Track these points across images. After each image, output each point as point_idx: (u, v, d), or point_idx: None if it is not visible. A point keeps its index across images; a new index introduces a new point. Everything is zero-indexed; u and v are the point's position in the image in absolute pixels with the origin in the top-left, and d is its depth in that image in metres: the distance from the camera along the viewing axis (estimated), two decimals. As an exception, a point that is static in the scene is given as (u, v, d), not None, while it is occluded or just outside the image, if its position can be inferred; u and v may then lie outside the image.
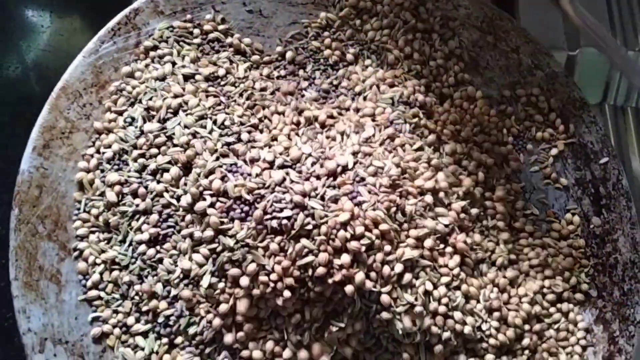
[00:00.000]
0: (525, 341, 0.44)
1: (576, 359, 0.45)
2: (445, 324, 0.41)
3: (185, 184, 0.42)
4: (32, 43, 0.58)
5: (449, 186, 0.44)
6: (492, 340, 0.43)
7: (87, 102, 0.44)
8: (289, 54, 0.48)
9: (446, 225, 0.43)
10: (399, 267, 0.40)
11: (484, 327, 0.43)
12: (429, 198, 0.43)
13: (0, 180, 0.53)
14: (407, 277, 0.40)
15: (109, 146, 0.43)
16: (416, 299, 0.40)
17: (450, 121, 0.48)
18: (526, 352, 0.44)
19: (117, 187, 0.42)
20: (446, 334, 0.41)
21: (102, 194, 0.43)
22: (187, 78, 0.45)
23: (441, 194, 0.44)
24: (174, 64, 0.45)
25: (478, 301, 0.43)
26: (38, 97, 0.57)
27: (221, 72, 0.46)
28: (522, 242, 0.47)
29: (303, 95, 0.47)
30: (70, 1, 0.60)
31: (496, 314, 0.43)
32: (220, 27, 0.47)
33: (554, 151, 0.49)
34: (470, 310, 0.43)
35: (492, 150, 0.48)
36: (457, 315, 0.42)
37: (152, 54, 0.46)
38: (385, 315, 0.40)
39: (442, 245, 0.42)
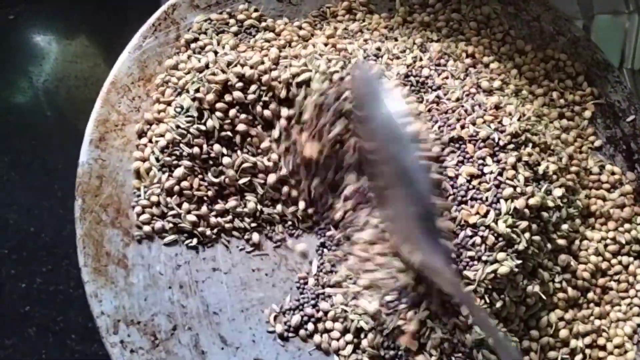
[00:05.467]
0: (590, 295, 0.45)
1: (635, 310, 0.46)
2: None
3: None
4: (41, 68, 0.59)
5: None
6: (561, 294, 0.44)
7: (135, 95, 0.46)
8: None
9: None
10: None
11: (557, 279, 0.44)
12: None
13: (17, 197, 0.54)
14: None
15: (161, 135, 0.45)
16: None
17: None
18: (591, 305, 0.45)
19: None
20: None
21: (159, 181, 0.44)
22: (229, 65, 0.46)
23: None
24: (215, 52, 0.47)
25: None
26: (49, 120, 0.58)
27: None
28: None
29: None
30: (75, 25, 0.62)
31: (568, 269, 0.45)
32: (254, 14, 0.49)
33: (587, 114, 0.50)
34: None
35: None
36: None
37: (192, 45, 0.47)
38: None
39: None
